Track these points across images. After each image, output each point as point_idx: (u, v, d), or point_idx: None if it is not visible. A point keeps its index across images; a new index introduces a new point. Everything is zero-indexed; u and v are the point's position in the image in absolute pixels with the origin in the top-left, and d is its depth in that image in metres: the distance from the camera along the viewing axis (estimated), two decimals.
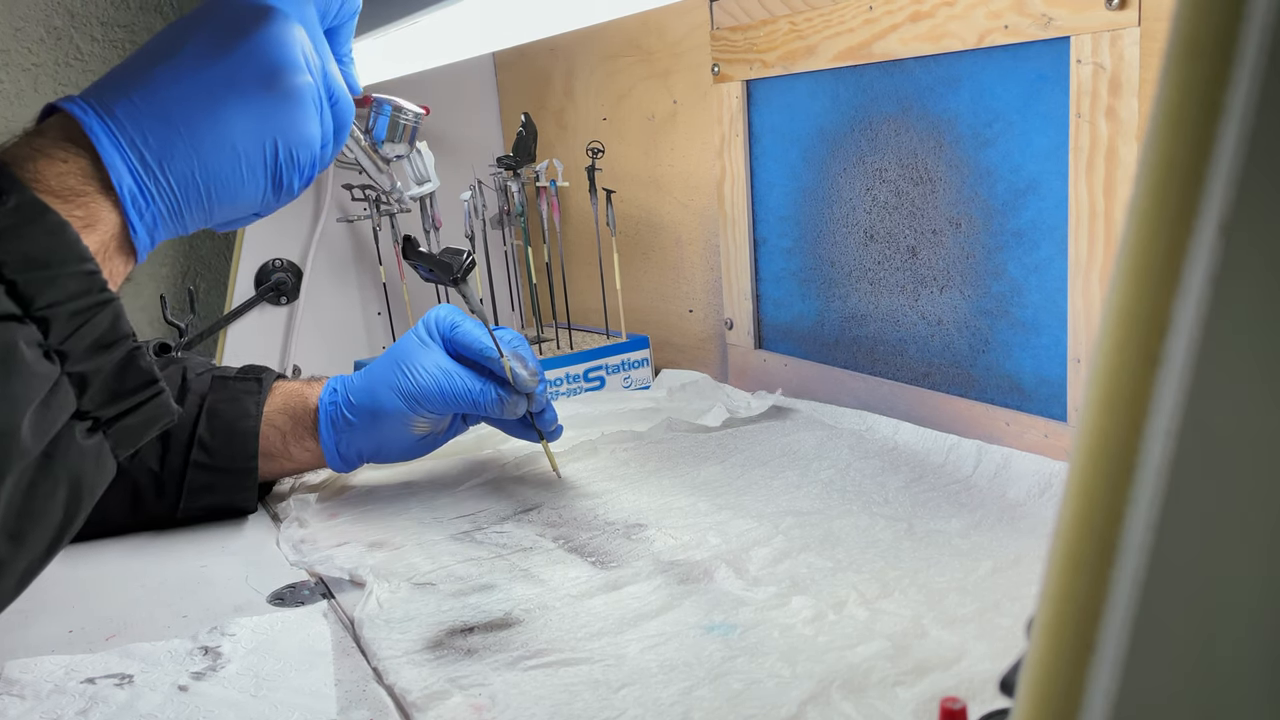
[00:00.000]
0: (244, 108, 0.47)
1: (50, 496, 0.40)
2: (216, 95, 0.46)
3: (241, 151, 0.47)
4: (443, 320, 0.76)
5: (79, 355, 0.40)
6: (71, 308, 0.40)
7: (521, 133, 1.03)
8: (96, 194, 0.44)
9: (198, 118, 0.46)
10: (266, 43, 0.47)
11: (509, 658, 0.50)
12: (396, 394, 0.73)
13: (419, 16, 0.67)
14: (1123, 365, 0.19)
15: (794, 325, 0.93)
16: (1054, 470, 0.66)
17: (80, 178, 0.43)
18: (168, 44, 0.47)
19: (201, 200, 0.47)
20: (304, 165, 0.50)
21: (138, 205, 0.45)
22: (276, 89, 0.48)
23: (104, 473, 0.43)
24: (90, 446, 0.42)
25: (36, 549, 0.41)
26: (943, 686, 0.44)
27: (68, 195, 0.43)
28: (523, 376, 0.73)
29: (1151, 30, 0.59)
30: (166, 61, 0.46)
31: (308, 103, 0.49)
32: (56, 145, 0.44)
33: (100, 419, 0.42)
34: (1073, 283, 0.67)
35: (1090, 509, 0.19)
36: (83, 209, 0.43)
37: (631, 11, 0.74)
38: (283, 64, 0.48)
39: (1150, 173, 0.19)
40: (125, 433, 0.43)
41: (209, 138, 0.46)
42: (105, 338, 0.41)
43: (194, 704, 0.48)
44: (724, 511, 0.67)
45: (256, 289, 1.17)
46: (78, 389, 0.40)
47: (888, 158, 0.80)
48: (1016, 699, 0.20)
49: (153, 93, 0.45)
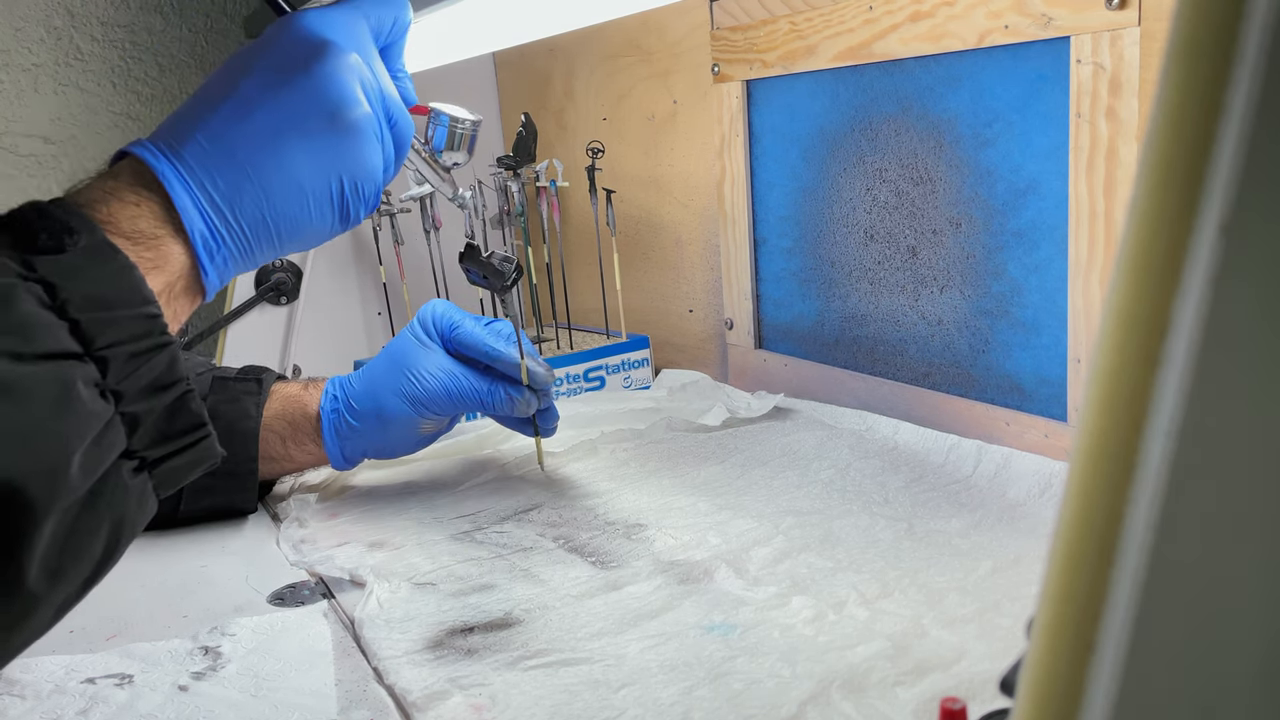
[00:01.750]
0: (308, 147, 0.48)
1: (93, 534, 0.40)
2: (281, 136, 0.47)
3: (309, 190, 0.48)
4: (440, 318, 0.76)
5: (133, 396, 0.40)
6: (131, 349, 0.40)
7: (521, 133, 1.03)
8: (168, 237, 0.45)
9: (263, 159, 0.47)
10: (325, 80, 0.48)
11: (509, 658, 0.50)
12: (402, 399, 0.73)
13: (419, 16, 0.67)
14: (1123, 365, 0.19)
15: (794, 325, 0.93)
16: (1054, 470, 0.66)
17: (153, 221, 0.44)
18: (228, 83, 0.48)
19: (271, 239, 0.48)
20: (368, 196, 0.51)
21: (209, 247, 0.46)
22: (339, 126, 0.48)
23: (145, 512, 0.43)
24: (135, 486, 0.42)
25: (73, 585, 0.41)
26: (943, 686, 0.44)
27: (139, 238, 0.43)
28: (540, 374, 0.74)
29: (1151, 30, 0.59)
30: (228, 102, 0.47)
31: (369, 135, 0.49)
32: (129, 188, 0.44)
33: (147, 459, 0.42)
34: (1073, 283, 0.67)
35: (1090, 509, 0.19)
36: (153, 251, 0.44)
37: (631, 11, 0.74)
38: (342, 101, 0.48)
39: (1150, 173, 0.19)
40: (169, 474, 0.43)
41: (276, 178, 0.47)
42: (161, 380, 0.41)
43: (194, 704, 0.48)
44: (724, 511, 0.67)
45: (256, 289, 1.17)
46: (129, 428, 0.41)
47: (888, 158, 0.80)
48: (1016, 699, 0.20)
49: (218, 135, 0.46)
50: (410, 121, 0.53)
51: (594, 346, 1.03)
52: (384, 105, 0.51)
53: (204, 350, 1.20)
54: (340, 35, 0.49)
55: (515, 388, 0.74)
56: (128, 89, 1.37)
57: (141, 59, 1.37)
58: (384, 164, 0.51)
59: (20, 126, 1.32)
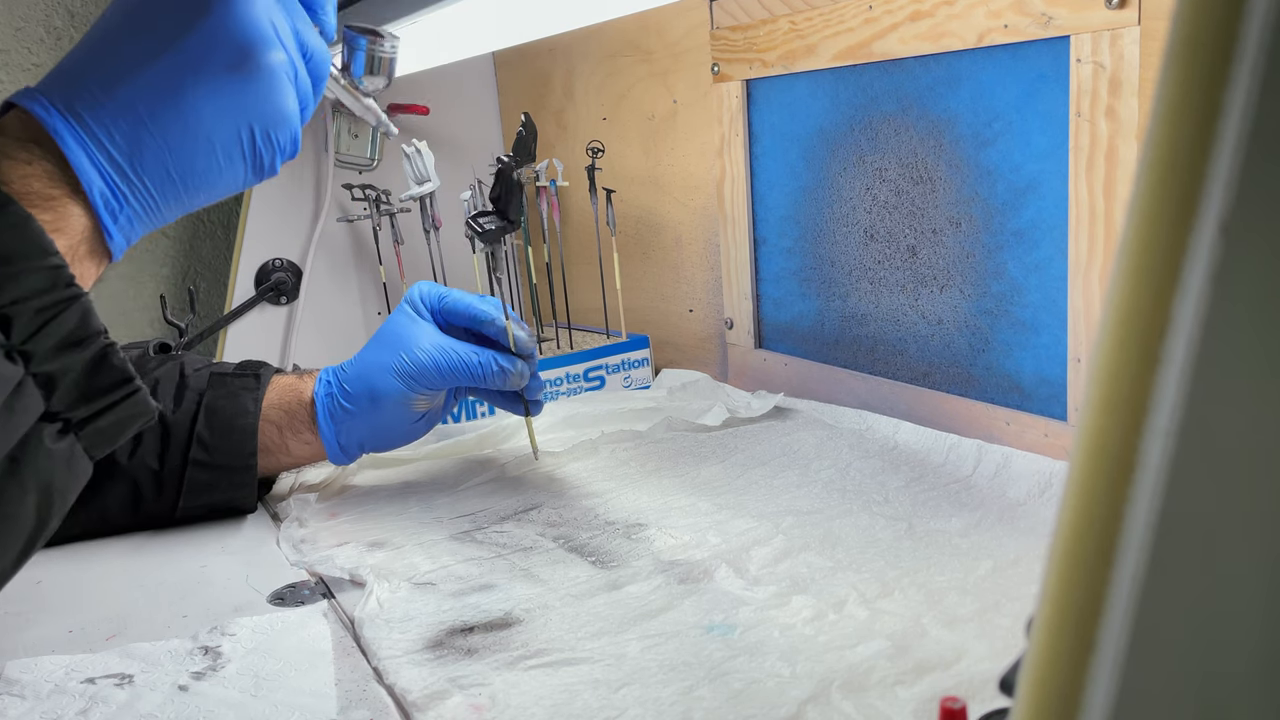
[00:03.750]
0: (213, 95, 0.44)
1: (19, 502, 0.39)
2: (183, 83, 0.43)
3: (216, 141, 0.44)
4: (428, 293, 0.77)
5: (45, 354, 0.38)
6: (35, 304, 0.38)
7: (521, 132, 1.03)
8: (65, 197, 0.42)
9: (165, 110, 0.43)
10: (230, 19, 0.44)
11: (509, 657, 0.50)
12: (394, 375, 0.73)
13: (419, 16, 0.67)
14: (1123, 365, 0.19)
15: (794, 325, 0.93)
16: (1054, 470, 0.66)
17: (46, 181, 0.41)
18: (123, 25, 0.44)
19: (178, 194, 0.45)
20: (283, 144, 0.47)
21: (111, 208, 0.43)
22: (246, 70, 0.44)
23: (77, 476, 0.41)
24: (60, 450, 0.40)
25: (7, 557, 0.39)
26: (943, 686, 0.44)
27: (32, 199, 0.40)
28: (521, 338, 0.75)
29: (1151, 29, 0.59)
30: (126, 45, 0.43)
31: (281, 79, 0.45)
32: (18, 145, 0.41)
33: (71, 420, 0.40)
34: (1073, 282, 0.67)
35: (1090, 509, 0.19)
36: (50, 213, 0.41)
37: (631, 11, 0.74)
38: (250, 42, 0.44)
39: (1150, 172, 0.19)
40: (99, 434, 0.42)
41: (178, 130, 0.43)
42: (73, 335, 0.39)
43: (194, 704, 0.48)
44: (724, 511, 0.67)
45: (256, 289, 1.17)
46: (45, 390, 0.39)
47: (888, 157, 0.80)
48: (1016, 699, 0.20)
49: (115, 84, 0.42)
50: (327, 54, 0.49)
51: (594, 346, 1.03)
52: (297, 41, 0.47)
53: (204, 350, 1.20)
54: None
55: (507, 358, 0.74)
56: None
57: None
58: (300, 105, 0.47)
59: None
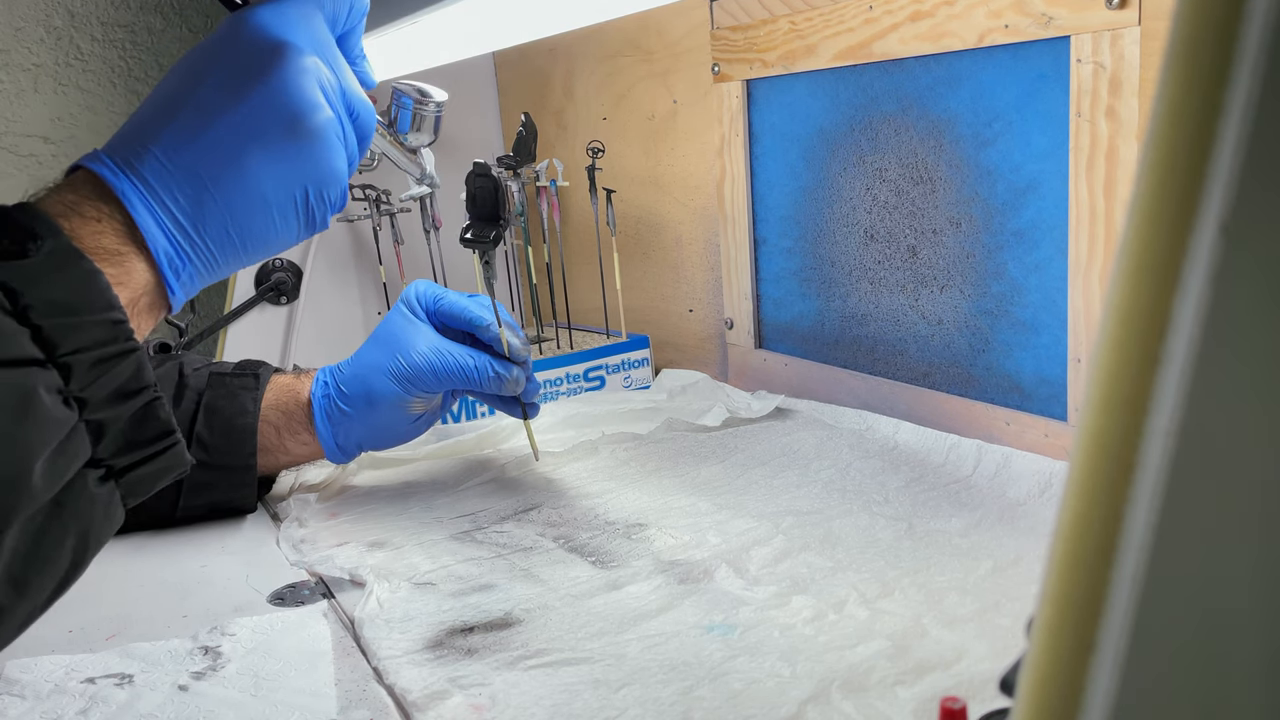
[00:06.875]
0: (270, 159, 0.46)
1: (58, 544, 0.40)
2: (241, 149, 0.46)
3: (273, 202, 0.47)
4: (424, 294, 0.77)
5: (98, 403, 0.40)
6: (95, 355, 0.40)
7: (521, 132, 1.03)
8: (131, 254, 0.44)
9: (225, 174, 0.45)
10: (283, 86, 0.46)
11: (509, 657, 0.50)
12: (390, 378, 0.73)
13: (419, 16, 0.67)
14: (1123, 365, 0.19)
15: (794, 325, 0.93)
16: (1054, 470, 0.66)
17: (115, 238, 0.43)
18: (183, 90, 0.46)
19: (237, 252, 0.47)
20: (334, 200, 0.50)
21: (174, 265, 0.45)
22: (300, 134, 0.47)
23: (112, 522, 0.43)
24: (101, 495, 0.41)
25: (39, 597, 0.40)
26: (943, 686, 0.44)
27: (102, 254, 0.42)
28: (516, 345, 0.75)
29: (1151, 30, 0.59)
30: (184, 113, 0.45)
31: (331, 139, 0.48)
32: (88, 203, 0.43)
33: (113, 468, 0.41)
34: (1073, 282, 0.67)
35: (1090, 509, 0.19)
36: (117, 267, 0.43)
37: (631, 11, 0.74)
38: (302, 108, 0.46)
39: (1150, 173, 0.19)
40: (138, 482, 0.43)
41: (238, 193, 0.46)
42: (126, 387, 0.41)
43: (194, 704, 0.48)
44: (724, 511, 0.67)
45: (256, 289, 1.17)
46: (94, 436, 0.40)
47: (888, 157, 0.80)
48: (1016, 699, 0.20)
49: (177, 150, 0.45)
50: (373, 113, 0.52)
51: (594, 346, 1.03)
52: (345, 100, 0.49)
53: (204, 350, 1.20)
54: (296, 34, 0.47)
55: (502, 364, 0.74)
56: (128, 89, 1.37)
57: (141, 59, 1.37)
58: (348, 163, 0.50)
59: (20, 126, 1.32)
